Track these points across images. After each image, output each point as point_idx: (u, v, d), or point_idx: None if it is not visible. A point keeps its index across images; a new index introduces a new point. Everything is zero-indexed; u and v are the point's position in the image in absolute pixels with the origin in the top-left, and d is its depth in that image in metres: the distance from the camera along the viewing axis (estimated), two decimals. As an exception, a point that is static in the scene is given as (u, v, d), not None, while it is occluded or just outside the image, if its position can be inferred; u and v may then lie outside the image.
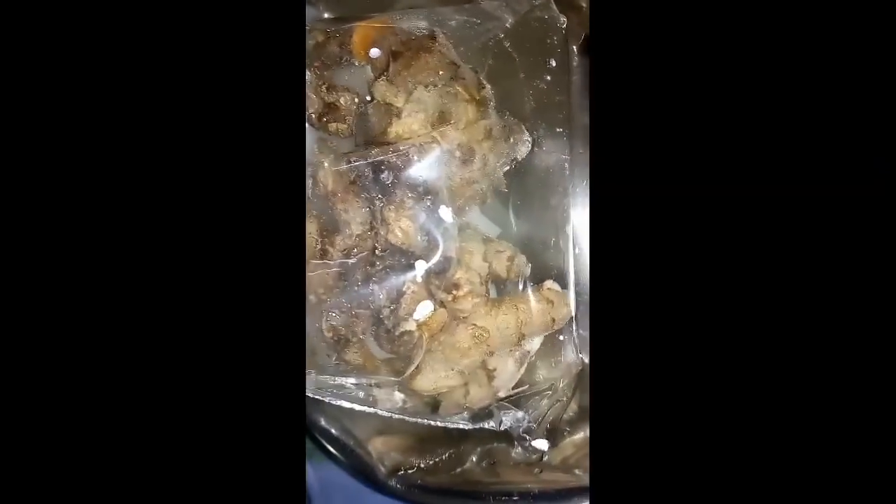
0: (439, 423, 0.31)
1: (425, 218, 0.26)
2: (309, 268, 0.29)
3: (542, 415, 0.29)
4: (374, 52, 0.27)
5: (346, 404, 0.30)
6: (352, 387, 0.30)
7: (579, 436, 0.32)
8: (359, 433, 0.33)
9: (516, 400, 0.30)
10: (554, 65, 0.28)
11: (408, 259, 0.26)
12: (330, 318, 0.28)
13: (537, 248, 0.29)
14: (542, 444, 0.29)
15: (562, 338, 0.29)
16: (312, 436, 0.34)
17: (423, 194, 0.26)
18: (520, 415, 0.29)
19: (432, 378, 0.28)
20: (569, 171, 0.29)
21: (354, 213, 0.27)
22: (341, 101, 0.28)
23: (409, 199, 0.26)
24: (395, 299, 0.26)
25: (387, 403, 0.30)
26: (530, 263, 0.28)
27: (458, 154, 0.26)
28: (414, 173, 0.26)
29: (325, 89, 0.28)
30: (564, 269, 0.29)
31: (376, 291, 0.27)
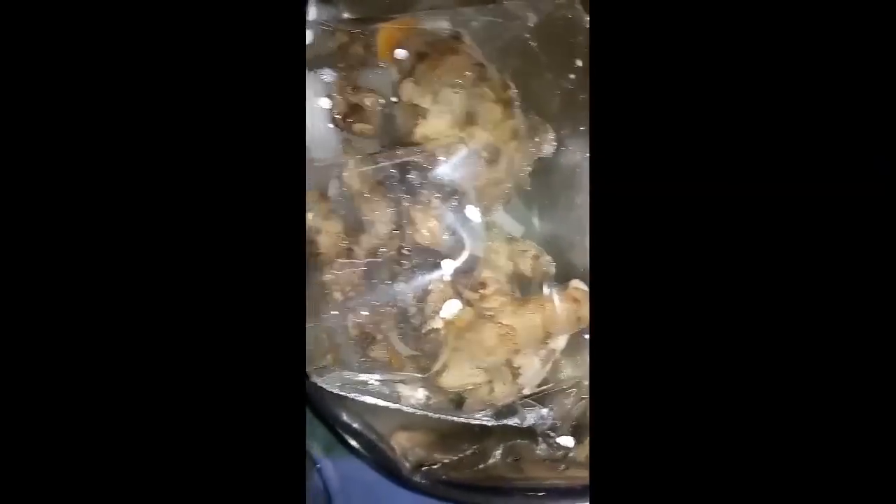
0: (462, 420, 0.31)
1: (452, 218, 0.26)
2: (335, 266, 0.30)
3: (567, 412, 0.29)
4: (400, 53, 0.28)
5: (371, 400, 0.31)
6: (376, 383, 0.30)
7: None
8: (382, 428, 0.33)
9: (540, 397, 0.30)
10: (580, 64, 0.28)
11: (434, 258, 0.27)
12: (356, 316, 0.29)
13: (563, 247, 0.29)
14: (567, 440, 0.30)
15: (587, 336, 0.29)
16: (335, 430, 0.34)
17: (449, 194, 0.26)
18: (544, 412, 0.29)
19: (458, 375, 0.28)
20: (593, 170, 0.29)
21: (381, 212, 0.27)
22: (366, 102, 0.28)
23: (435, 200, 0.26)
24: (422, 298, 0.27)
25: (411, 400, 0.30)
26: (555, 262, 0.29)
27: (485, 154, 0.26)
28: (441, 174, 0.26)
29: (350, 90, 0.28)
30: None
31: (403, 290, 0.27)
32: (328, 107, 0.29)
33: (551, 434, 0.30)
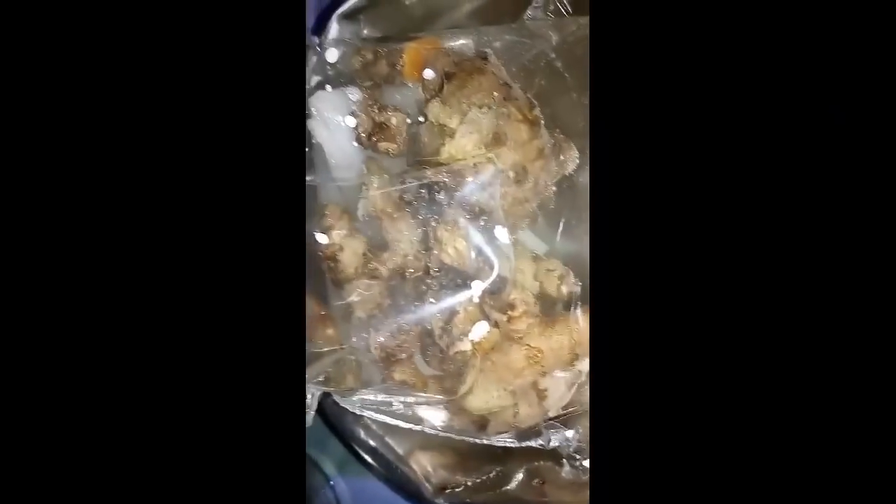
0: (485, 441, 0.31)
1: (479, 238, 0.26)
2: (359, 285, 0.29)
3: (593, 435, 0.29)
4: (429, 73, 0.28)
5: (392, 421, 0.31)
6: (399, 404, 0.30)
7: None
8: (402, 449, 0.33)
9: (565, 419, 0.29)
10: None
11: (461, 279, 0.27)
12: (379, 336, 0.29)
13: (587, 265, 0.29)
14: (593, 464, 0.29)
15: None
16: (353, 450, 0.34)
17: (477, 214, 0.26)
18: (569, 434, 0.29)
19: (484, 398, 0.28)
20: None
21: (407, 231, 0.27)
22: (392, 122, 0.28)
23: (463, 219, 0.26)
24: (449, 319, 0.26)
25: (433, 421, 0.30)
26: (581, 282, 0.28)
27: (511, 174, 0.26)
28: (468, 193, 0.26)
29: (376, 109, 0.28)
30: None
31: (429, 310, 0.27)
32: (353, 125, 0.29)
33: (576, 456, 0.29)
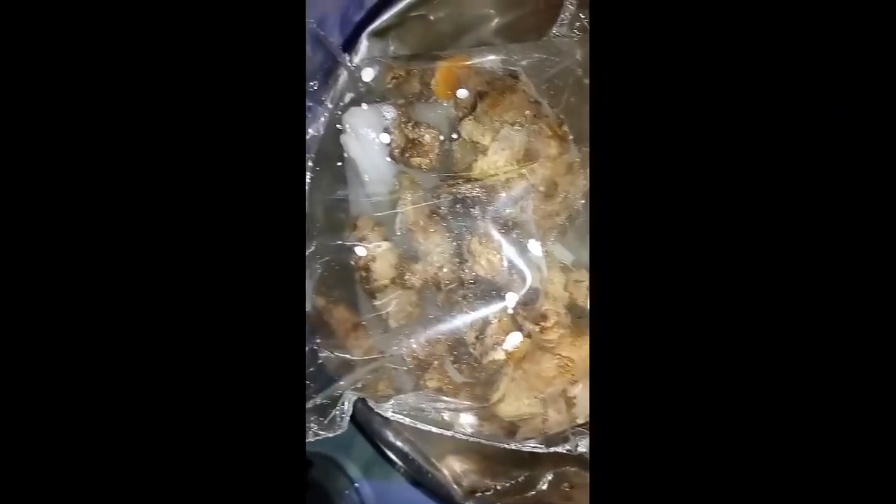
0: (513, 447, 0.32)
1: (511, 250, 0.27)
2: (391, 295, 0.30)
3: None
4: (462, 92, 0.28)
5: (423, 426, 0.31)
6: (431, 410, 0.31)
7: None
8: (432, 453, 0.34)
9: (593, 425, 0.30)
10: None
11: (494, 290, 0.27)
12: (411, 344, 0.29)
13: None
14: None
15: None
16: (385, 454, 0.34)
17: (510, 228, 0.27)
18: (596, 440, 0.30)
19: (515, 405, 0.28)
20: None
21: (441, 243, 0.28)
22: (426, 138, 0.29)
23: (495, 232, 0.27)
24: (482, 328, 0.27)
25: (464, 427, 0.31)
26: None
27: (542, 188, 0.27)
28: (500, 207, 0.27)
29: (409, 126, 0.29)
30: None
31: (462, 320, 0.28)
32: (387, 141, 0.30)
33: (604, 462, 0.30)
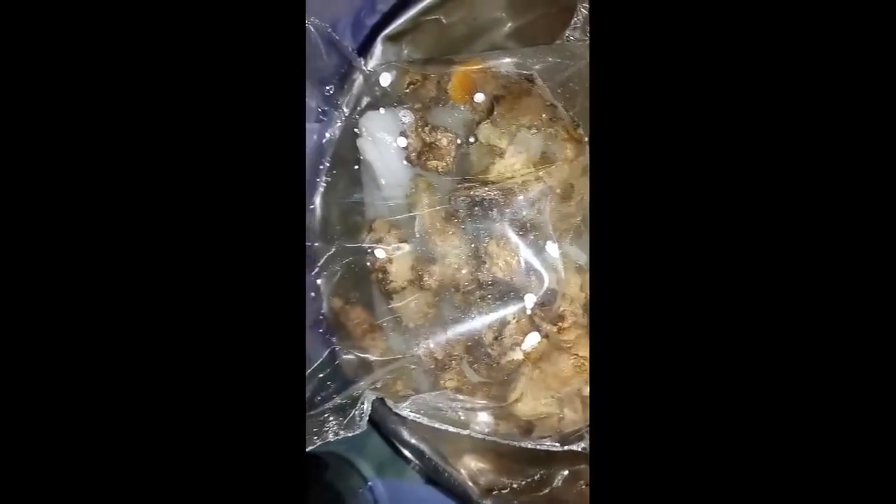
0: (528, 446, 0.32)
1: (529, 252, 0.27)
2: (408, 295, 0.31)
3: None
4: (479, 96, 0.29)
5: (440, 425, 0.32)
6: (447, 409, 0.31)
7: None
8: (448, 452, 0.34)
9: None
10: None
11: (512, 291, 0.28)
12: (429, 344, 0.30)
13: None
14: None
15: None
16: (401, 453, 0.35)
17: (527, 230, 0.27)
18: (612, 438, 0.30)
19: (532, 405, 0.29)
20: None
21: (459, 245, 0.28)
22: (443, 142, 0.29)
23: (512, 234, 0.27)
24: (500, 329, 0.28)
25: (480, 426, 0.31)
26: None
27: (559, 191, 0.27)
28: (517, 209, 0.27)
29: (426, 130, 0.29)
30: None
31: (480, 321, 0.28)
32: (403, 145, 0.31)
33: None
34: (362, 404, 0.30)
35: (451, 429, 0.31)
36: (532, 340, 0.28)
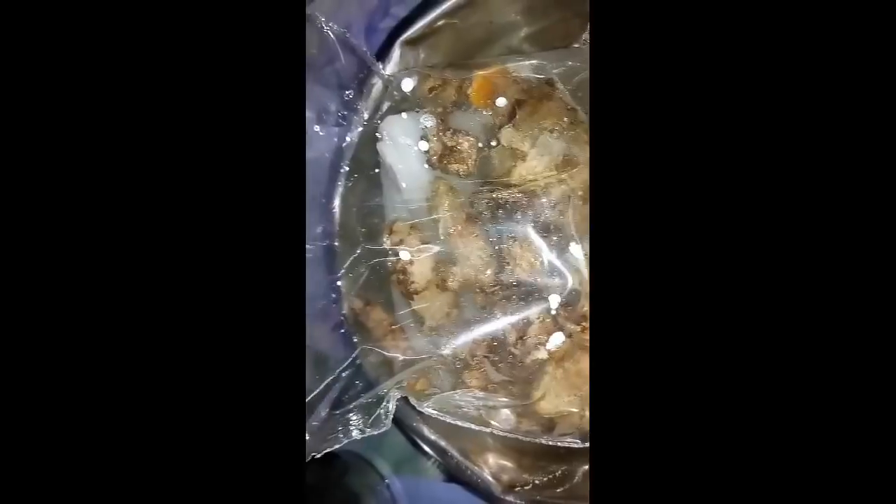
0: (550, 442, 0.33)
1: (552, 253, 0.28)
2: (429, 296, 0.31)
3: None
4: (501, 101, 0.29)
5: (463, 423, 0.32)
6: (470, 407, 0.32)
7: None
8: (469, 449, 0.35)
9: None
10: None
11: (536, 291, 0.28)
12: (453, 344, 0.30)
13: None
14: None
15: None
16: (423, 451, 0.35)
17: (550, 231, 0.28)
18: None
19: (555, 403, 0.29)
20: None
21: (482, 247, 0.29)
22: (464, 146, 0.30)
23: (535, 236, 0.28)
24: (524, 329, 0.28)
25: (502, 423, 0.32)
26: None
27: (581, 192, 0.28)
28: (540, 211, 0.28)
29: (448, 134, 0.30)
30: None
31: (504, 321, 0.29)
32: (425, 149, 0.31)
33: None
34: (387, 403, 0.31)
35: (473, 426, 0.32)
36: (556, 340, 0.28)
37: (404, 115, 0.32)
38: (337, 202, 0.36)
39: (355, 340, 0.35)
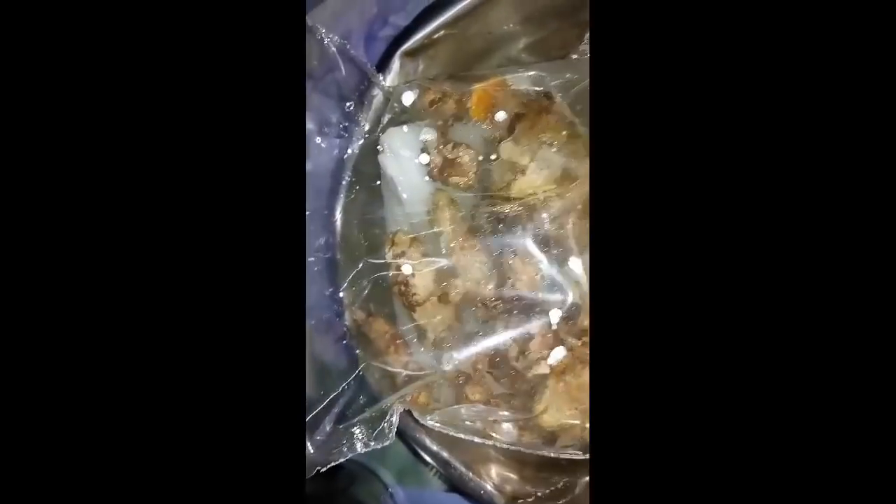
0: (552, 455, 0.33)
1: (552, 267, 0.28)
2: (431, 308, 0.31)
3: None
4: (501, 115, 0.29)
5: (465, 436, 0.32)
6: (471, 420, 0.32)
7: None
8: (472, 461, 0.35)
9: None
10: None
11: (536, 305, 0.28)
12: (454, 358, 0.30)
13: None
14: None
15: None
16: (428, 464, 0.35)
17: (550, 245, 0.28)
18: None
19: (557, 416, 0.29)
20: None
21: (483, 260, 0.29)
22: (464, 159, 0.30)
23: (535, 249, 0.28)
24: (525, 343, 0.28)
25: (505, 436, 0.32)
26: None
27: (580, 206, 0.28)
28: (540, 224, 0.28)
29: (448, 147, 0.30)
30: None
31: (505, 335, 0.29)
32: (425, 161, 0.31)
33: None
34: (391, 416, 0.31)
35: (475, 439, 0.32)
36: (558, 355, 0.28)
37: (405, 127, 0.32)
38: (339, 214, 0.36)
39: (358, 352, 0.35)
